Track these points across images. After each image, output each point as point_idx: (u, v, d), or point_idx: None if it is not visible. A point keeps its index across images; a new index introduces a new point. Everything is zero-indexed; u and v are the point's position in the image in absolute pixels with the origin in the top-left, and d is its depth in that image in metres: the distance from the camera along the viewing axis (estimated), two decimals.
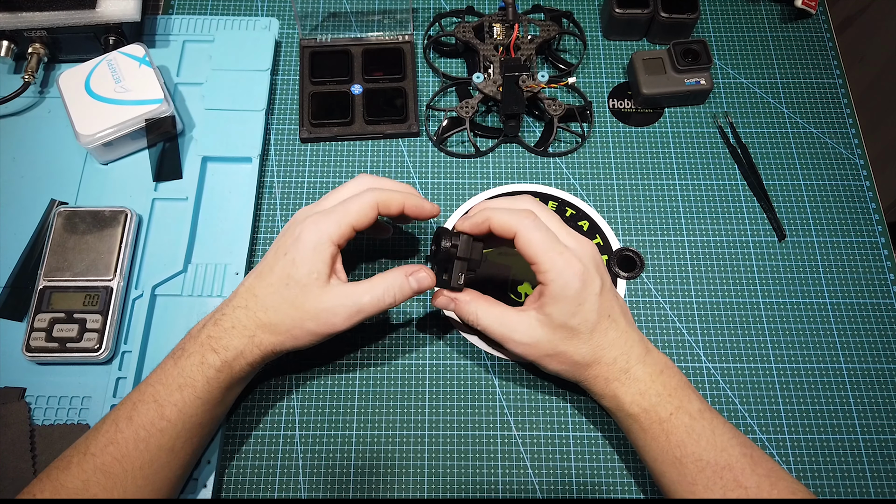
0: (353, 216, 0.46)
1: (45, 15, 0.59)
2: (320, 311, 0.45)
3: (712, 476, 0.43)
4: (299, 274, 0.45)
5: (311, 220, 0.46)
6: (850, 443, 0.52)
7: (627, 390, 0.45)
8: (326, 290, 0.45)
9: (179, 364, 0.44)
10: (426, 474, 0.50)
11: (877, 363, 0.55)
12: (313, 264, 0.45)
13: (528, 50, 0.63)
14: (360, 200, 0.46)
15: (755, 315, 0.56)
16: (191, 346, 0.45)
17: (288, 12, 0.68)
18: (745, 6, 0.70)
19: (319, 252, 0.45)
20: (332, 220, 0.45)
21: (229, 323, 0.45)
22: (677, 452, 0.44)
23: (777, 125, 0.64)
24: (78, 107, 0.57)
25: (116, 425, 0.43)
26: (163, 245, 0.57)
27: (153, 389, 0.44)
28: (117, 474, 0.41)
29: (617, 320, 0.46)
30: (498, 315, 0.47)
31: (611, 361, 0.46)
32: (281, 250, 0.46)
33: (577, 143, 0.63)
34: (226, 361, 0.44)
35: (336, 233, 0.45)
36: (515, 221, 0.45)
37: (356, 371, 0.54)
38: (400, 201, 0.47)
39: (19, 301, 0.54)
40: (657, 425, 0.44)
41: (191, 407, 0.44)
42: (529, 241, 0.45)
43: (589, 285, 0.45)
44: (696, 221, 0.60)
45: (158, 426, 0.43)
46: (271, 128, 0.63)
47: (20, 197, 0.58)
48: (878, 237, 0.60)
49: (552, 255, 0.44)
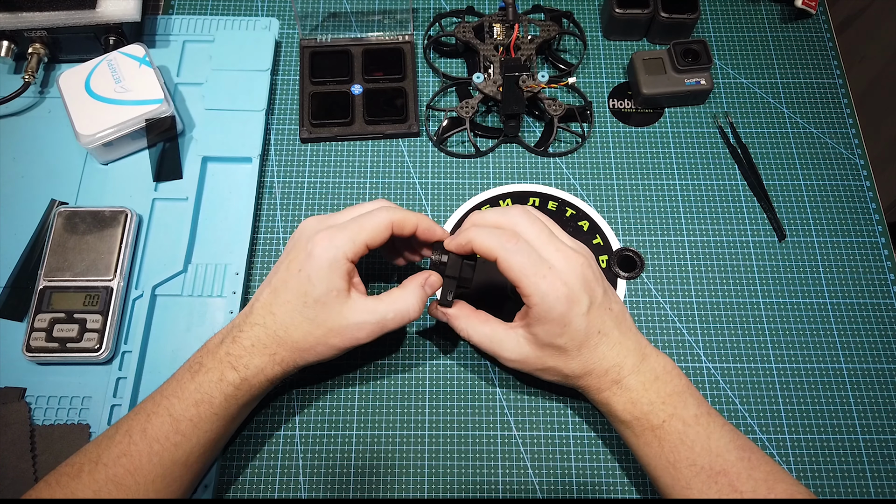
0: (368, 233, 0.45)
1: (45, 15, 0.59)
2: (344, 327, 0.45)
3: (707, 480, 0.43)
4: (317, 292, 0.44)
5: (324, 234, 0.45)
6: (850, 443, 0.52)
7: (619, 399, 0.45)
8: (348, 305, 0.45)
9: (197, 379, 0.44)
10: (426, 474, 0.50)
11: (877, 363, 0.55)
12: (331, 281, 0.44)
13: (528, 50, 0.63)
14: (375, 218, 0.46)
15: (755, 315, 0.56)
16: (209, 361, 0.45)
17: (288, 12, 0.68)
18: (745, 6, 0.70)
19: (335, 269, 0.44)
20: (346, 237, 0.45)
21: (248, 341, 0.45)
22: (671, 458, 0.44)
23: (777, 125, 0.64)
24: (78, 107, 0.57)
25: (130, 437, 0.42)
26: (163, 245, 0.57)
27: (168, 403, 0.43)
28: (129, 486, 0.41)
29: (608, 334, 0.45)
30: (488, 332, 0.48)
31: (602, 373, 0.46)
32: (294, 265, 0.45)
33: (577, 144, 0.63)
34: (245, 379, 0.44)
35: (351, 250, 0.45)
36: (497, 246, 0.44)
37: (356, 371, 0.54)
38: (414, 222, 0.47)
39: (19, 301, 0.54)
40: (649, 432, 0.44)
41: (206, 423, 0.44)
42: (510, 266, 0.44)
43: (575, 306, 0.44)
44: (696, 221, 0.60)
45: (173, 440, 0.43)
46: (271, 128, 0.63)
47: (20, 197, 0.58)
48: (878, 237, 0.60)
49: (534, 280, 0.43)
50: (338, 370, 0.53)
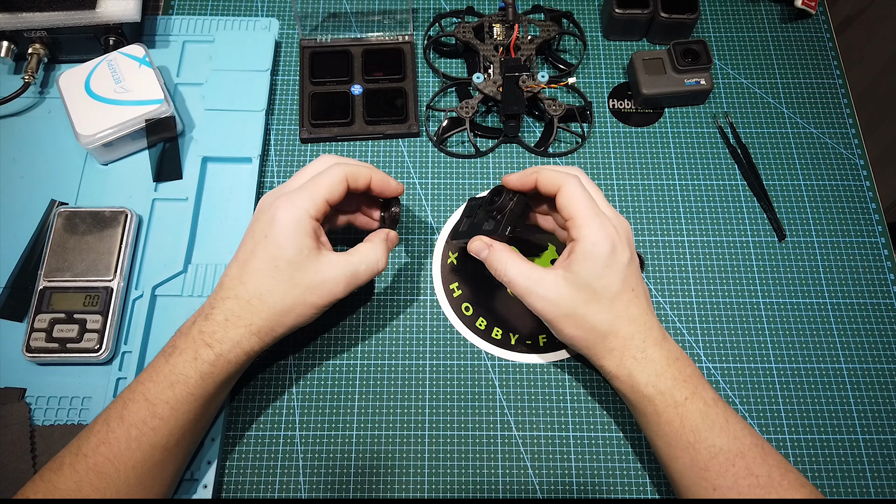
0: (325, 189, 0.46)
1: (45, 15, 0.59)
2: (319, 283, 0.46)
3: (724, 463, 0.42)
4: (287, 254, 0.45)
5: (282, 199, 0.46)
6: (850, 443, 0.52)
7: (643, 370, 0.45)
8: (320, 261, 0.46)
9: (171, 361, 0.44)
10: (426, 474, 0.50)
11: (877, 363, 0.55)
12: (299, 241, 0.45)
13: (528, 50, 0.63)
14: (329, 175, 0.47)
15: (755, 315, 0.56)
16: (182, 342, 0.45)
17: (288, 12, 0.69)
18: (745, 6, 0.70)
19: (301, 228, 0.45)
20: (305, 197, 0.46)
21: (221, 316, 0.45)
22: (691, 437, 0.43)
23: (777, 125, 0.64)
24: (78, 107, 0.57)
25: (108, 425, 0.42)
26: (163, 245, 0.57)
27: (143, 388, 0.43)
28: (110, 474, 0.41)
29: (640, 297, 0.47)
30: (525, 269, 0.47)
31: (628, 336, 0.46)
32: (259, 233, 0.46)
33: (577, 144, 0.63)
34: (220, 354, 0.44)
35: (312, 207, 0.45)
36: (562, 178, 0.47)
37: (356, 371, 0.54)
38: (367, 175, 0.48)
39: (19, 301, 0.54)
40: (672, 409, 0.44)
41: (183, 404, 0.43)
42: (572, 195, 0.46)
43: (618, 252, 0.45)
44: (696, 221, 0.60)
45: (151, 424, 0.42)
46: (271, 128, 0.63)
47: (20, 197, 0.58)
48: (878, 237, 0.60)
49: (590, 214, 0.46)
50: (338, 370, 0.53)
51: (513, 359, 0.54)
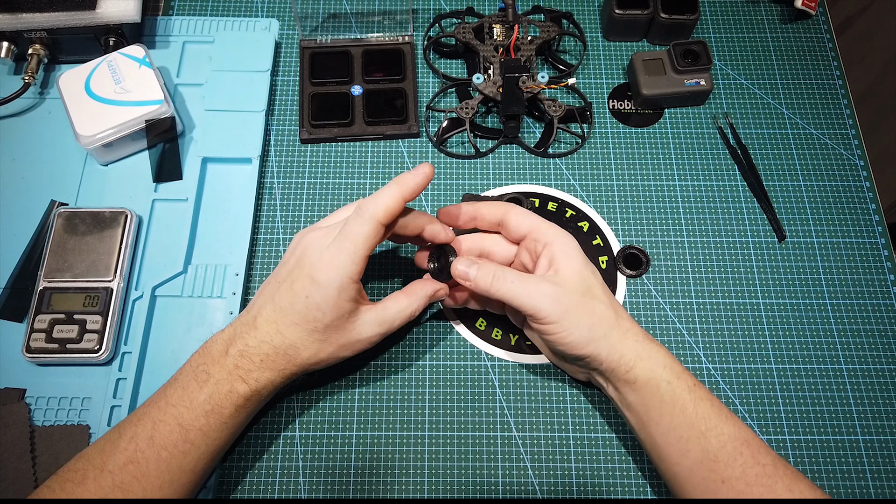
0: (364, 246, 0.44)
1: (45, 16, 0.59)
2: (354, 341, 0.47)
3: (732, 452, 0.42)
4: (328, 319, 0.45)
5: (325, 258, 0.44)
6: (850, 443, 0.52)
7: (658, 351, 0.46)
8: (357, 321, 0.46)
9: (205, 390, 0.44)
10: (426, 474, 0.50)
11: (877, 363, 0.55)
12: (340, 308, 0.45)
13: (528, 51, 0.63)
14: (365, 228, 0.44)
15: (755, 315, 0.56)
16: (217, 372, 0.44)
17: (288, 13, 0.69)
18: (745, 7, 0.70)
19: (344, 295, 0.44)
20: (346, 258, 0.44)
21: (258, 358, 0.45)
22: (702, 426, 0.43)
23: (777, 126, 0.64)
24: (78, 108, 0.57)
25: (136, 444, 0.42)
26: (163, 246, 0.57)
27: (176, 412, 0.43)
28: (136, 493, 0.41)
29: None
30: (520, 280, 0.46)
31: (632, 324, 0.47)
32: (299, 289, 0.44)
33: (577, 144, 0.63)
34: (256, 391, 0.45)
35: (355, 271, 0.44)
36: (503, 209, 0.49)
37: (356, 371, 0.54)
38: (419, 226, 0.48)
39: (19, 302, 0.54)
40: (687, 393, 0.44)
41: (216, 431, 0.44)
42: (520, 220, 0.48)
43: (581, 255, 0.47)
44: (696, 222, 0.60)
45: (182, 448, 0.43)
46: (271, 129, 0.63)
47: (20, 198, 0.58)
48: (878, 237, 0.60)
49: (545, 222, 0.48)
50: (338, 370, 0.53)
51: (513, 359, 0.54)
